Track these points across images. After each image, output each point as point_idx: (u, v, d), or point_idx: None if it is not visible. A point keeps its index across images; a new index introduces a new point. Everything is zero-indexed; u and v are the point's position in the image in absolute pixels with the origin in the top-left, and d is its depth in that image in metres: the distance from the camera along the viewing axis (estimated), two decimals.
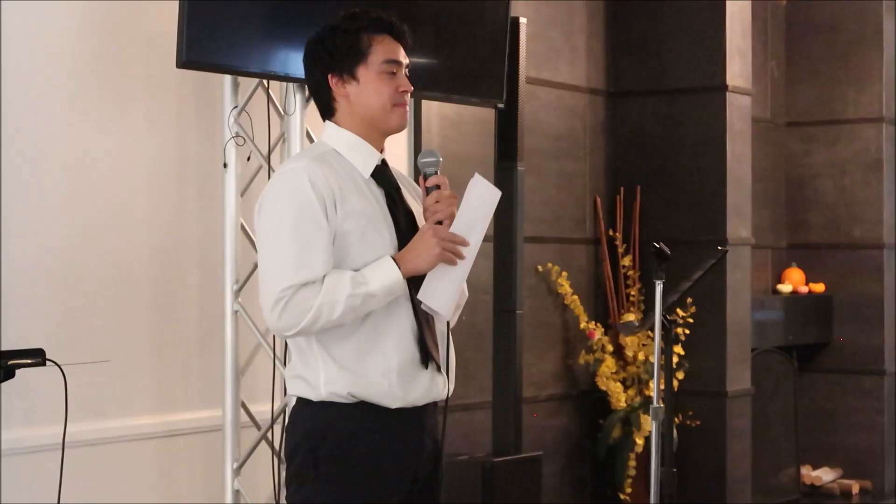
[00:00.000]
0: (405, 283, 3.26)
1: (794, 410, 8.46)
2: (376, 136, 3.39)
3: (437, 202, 3.32)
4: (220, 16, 4.59)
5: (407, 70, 3.41)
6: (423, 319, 3.32)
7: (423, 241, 3.27)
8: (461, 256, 3.29)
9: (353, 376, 3.26)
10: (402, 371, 3.28)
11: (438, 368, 3.35)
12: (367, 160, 3.37)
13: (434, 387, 3.35)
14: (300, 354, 3.32)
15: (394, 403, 3.28)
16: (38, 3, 4.67)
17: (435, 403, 3.39)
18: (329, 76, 3.36)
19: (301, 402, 3.33)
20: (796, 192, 8.76)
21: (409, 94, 3.39)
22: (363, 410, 3.27)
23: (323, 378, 3.27)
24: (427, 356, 3.32)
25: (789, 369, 8.42)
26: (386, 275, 3.23)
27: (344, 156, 3.35)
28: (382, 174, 3.39)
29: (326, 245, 3.22)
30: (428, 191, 3.35)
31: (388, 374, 3.27)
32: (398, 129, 3.40)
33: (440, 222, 3.31)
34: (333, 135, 3.38)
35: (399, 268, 3.24)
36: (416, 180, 3.45)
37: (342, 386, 3.26)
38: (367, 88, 3.35)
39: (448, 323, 3.39)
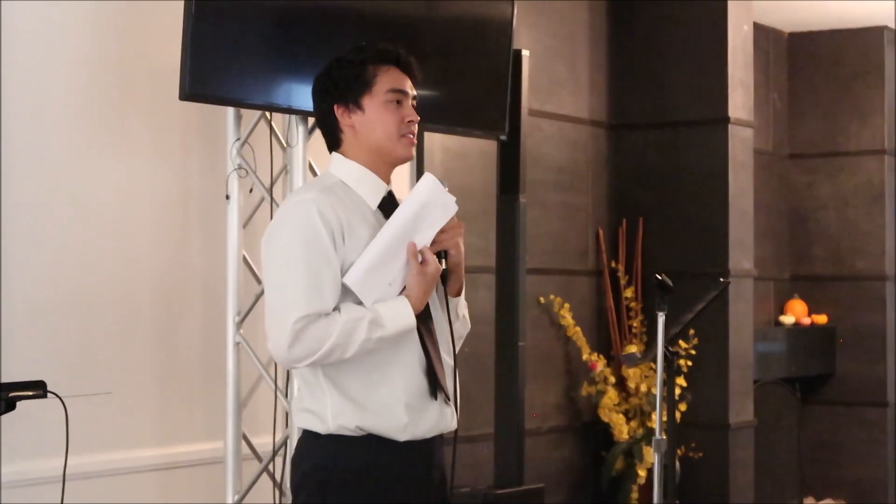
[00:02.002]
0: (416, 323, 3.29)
1: (797, 442, 8.45)
2: (384, 166, 3.39)
3: (441, 232, 3.33)
4: (223, 49, 4.60)
5: (415, 102, 3.41)
6: (431, 350, 3.32)
7: (424, 279, 3.27)
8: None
9: (361, 409, 3.25)
10: (411, 403, 3.28)
11: (446, 400, 3.35)
12: (374, 191, 3.37)
13: (443, 419, 3.34)
14: (307, 387, 3.30)
15: (403, 436, 3.28)
16: (44, 35, 4.69)
17: (441, 435, 3.39)
18: (335, 107, 3.36)
19: (308, 434, 3.31)
20: (799, 224, 8.77)
21: (415, 125, 3.40)
22: (372, 443, 3.26)
23: (331, 411, 3.25)
24: (436, 387, 3.31)
25: (792, 401, 8.42)
26: (403, 319, 3.24)
27: (351, 187, 3.35)
28: (389, 205, 3.38)
29: (335, 276, 3.22)
30: None
31: (396, 407, 3.26)
32: (405, 160, 3.40)
33: (442, 253, 3.33)
34: (341, 166, 3.38)
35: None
36: None
37: (350, 419, 3.25)
38: (372, 118, 3.35)
39: (455, 355, 3.39)
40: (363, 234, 3.27)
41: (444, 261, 3.34)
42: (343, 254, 3.24)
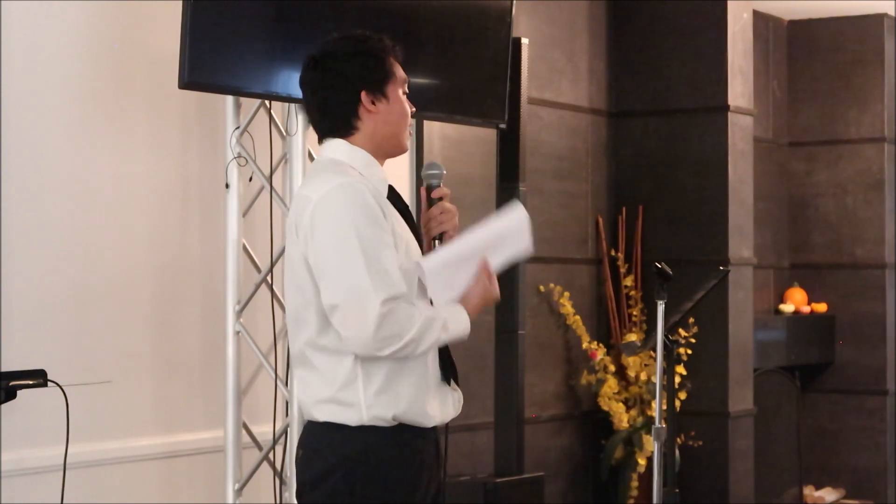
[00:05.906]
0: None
1: (797, 430, 8.45)
2: (383, 157, 3.37)
3: (441, 213, 3.36)
4: (222, 37, 4.60)
5: None
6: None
7: (486, 297, 3.31)
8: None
9: (395, 398, 3.22)
10: (438, 391, 3.30)
11: (454, 386, 3.38)
12: (382, 180, 3.34)
13: (455, 404, 3.38)
14: (330, 377, 3.23)
15: (431, 422, 3.29)
16: (41, 24, 4.68)
17: None
18: (363, 92, 3.29)
19: (330, 426, 3.23)
20: (798, 212, 8.76)
21: None
22: (402, 432, 3.25)
23: (365, 402, 3.21)
24: (449, 374, 3.33)
25: (792, 389, 8.42)
26: (461, 327, 3.25)
27: (363, 174, 3.29)
28: (393, 193, 3.37)
29: (396, 259, 3.20)
30: (431, 202, 3.38)
31: (426, 395, 3.27)
32: (404, 152, 3.41)
33: (440, 235, 3.34)
34: (347, 153, 3.31)
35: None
36: (418, 192, 3.46)
37: (386, 410, 3.21)
38: (395, 107, 3.33)
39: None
40: (394, 218, 3.25)
41: (437, 242, 3.36)
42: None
